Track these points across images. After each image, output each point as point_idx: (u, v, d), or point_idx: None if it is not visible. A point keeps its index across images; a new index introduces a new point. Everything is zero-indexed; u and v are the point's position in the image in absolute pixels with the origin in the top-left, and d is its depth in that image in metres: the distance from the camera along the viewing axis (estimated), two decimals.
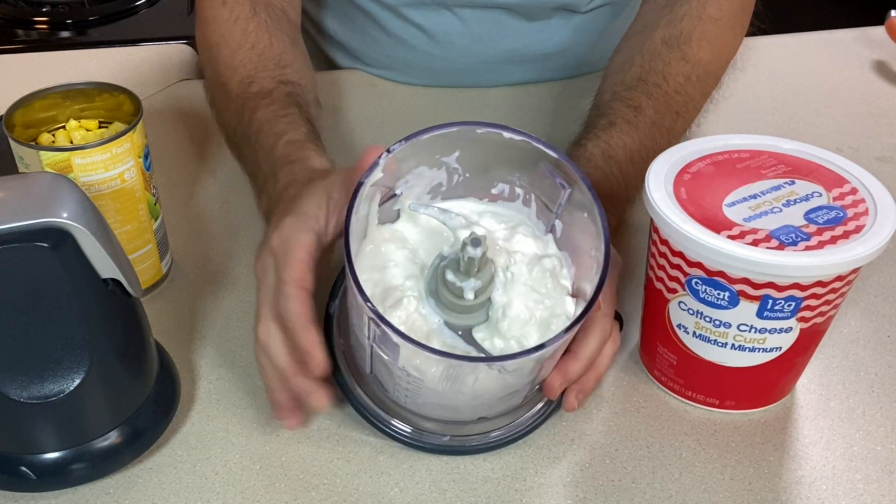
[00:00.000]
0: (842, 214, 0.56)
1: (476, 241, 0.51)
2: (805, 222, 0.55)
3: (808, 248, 0.53)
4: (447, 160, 0.57)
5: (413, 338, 0.50)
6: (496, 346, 0.54)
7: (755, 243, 0.53)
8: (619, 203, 0.70)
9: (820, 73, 1.02)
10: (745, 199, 0.57)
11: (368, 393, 0.59)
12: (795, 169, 0.59)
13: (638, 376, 0.64)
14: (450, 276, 0.53)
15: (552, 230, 0.58)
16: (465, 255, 0.52)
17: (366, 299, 0.50)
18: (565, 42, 0.95)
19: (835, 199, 0.57)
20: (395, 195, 0.58)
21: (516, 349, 0.53)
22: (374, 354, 0.54)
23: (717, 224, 0.55)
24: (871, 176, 0.59)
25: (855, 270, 0.55)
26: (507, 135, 0.54)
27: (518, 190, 0.58)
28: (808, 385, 0.63)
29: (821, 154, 0.61)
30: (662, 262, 0.58)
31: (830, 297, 0.55)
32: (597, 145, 0.71)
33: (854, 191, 0.58)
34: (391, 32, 0.94)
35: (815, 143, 0.62)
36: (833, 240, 0.54)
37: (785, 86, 0.99)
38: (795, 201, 0.57)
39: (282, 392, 0.57)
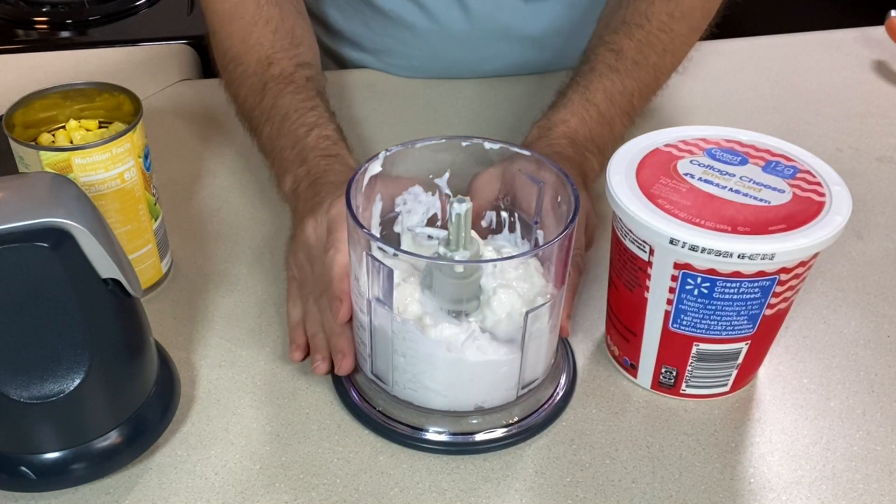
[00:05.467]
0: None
1: (461, 199, 0.55)
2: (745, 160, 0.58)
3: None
4: (440, 182, 0.62)
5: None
6: (488, 320, 0.56)
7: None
8: (599, 142, 0.73)
9: (820, 73, 1.02)
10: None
11: (369, 399, 0.60)
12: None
13: None
14: (441, 250, 0.56)
15: (535, 243, 0.62)
16: (452, 212, 0.55)
17: (360, 225, 0.53)
18: (561, 20, 0.96)
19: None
20: (394, 213, 0.62)
21: (506, 323, 0.56)
22: (374, 331, 0.56)
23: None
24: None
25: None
26: (487, 145, 0.60)
27: (503, 214, 0.64)
28: (807, 385, 0.63)
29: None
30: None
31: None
32: (576, 91, 0.76)
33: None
34: (389, 12, 0.95)
35: (816, 143, 0.62)
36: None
37: (785, 86, 0.99)
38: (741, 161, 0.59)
39: (322, 340, 0.61)
